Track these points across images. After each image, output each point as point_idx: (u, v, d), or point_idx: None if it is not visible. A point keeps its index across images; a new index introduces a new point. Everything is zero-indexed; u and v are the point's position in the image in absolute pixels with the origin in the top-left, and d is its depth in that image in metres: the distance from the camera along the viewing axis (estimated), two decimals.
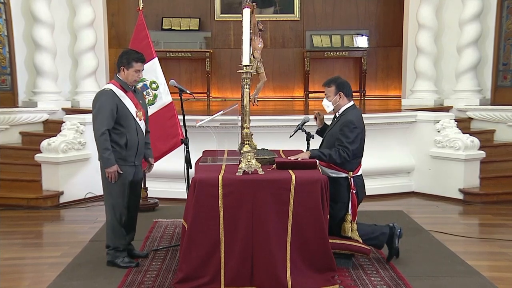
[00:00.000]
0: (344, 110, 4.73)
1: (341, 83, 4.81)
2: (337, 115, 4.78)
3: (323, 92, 12.19)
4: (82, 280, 4.49)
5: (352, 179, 4.63)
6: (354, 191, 4.61)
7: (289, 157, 4.51)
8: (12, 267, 4.95)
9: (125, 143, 4.65)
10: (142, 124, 4.80)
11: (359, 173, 4.74)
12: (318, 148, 4.78)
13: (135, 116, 4.71)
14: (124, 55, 4.75)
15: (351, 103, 4.79)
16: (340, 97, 4.73)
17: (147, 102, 6.17)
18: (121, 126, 4.63)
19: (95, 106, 4.65)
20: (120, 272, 4.58)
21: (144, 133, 4.86)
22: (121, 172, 4.65)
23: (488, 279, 4.49)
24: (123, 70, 4.70)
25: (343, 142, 4.51)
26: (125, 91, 4.70)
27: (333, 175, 4.62)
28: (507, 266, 4.91)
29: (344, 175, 4.62)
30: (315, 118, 5.07)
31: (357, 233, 4.64)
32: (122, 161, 4.66)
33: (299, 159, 4.43)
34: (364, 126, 4.73)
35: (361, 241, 4.66)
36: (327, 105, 4.81)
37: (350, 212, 4.60)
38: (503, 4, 8.56)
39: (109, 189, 4.73)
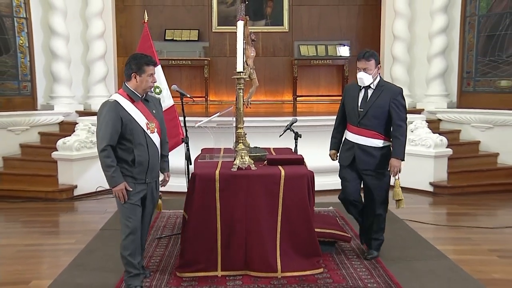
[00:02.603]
0: (380, 81, 4.42)
1: (378, 56, 4.46)
2: (372, 86, 4.39)
3: (309, 96, 12.22)
4: (94, 265, 4.47)
5: None
6: None
7: (394, 177, 4.40)
8: (32, 252, 4.95)
9: (132, 160, 3.76)
10: (154, 137, 3.86)
11: None
12: (358, 120, 4.39)
13: (145, 129, 3.80)
14: (133, 61, 3.82)
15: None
16: (378, 69, 4.40)
17: None
18: (128, 141, 3.75)
19: (98, 120, 3.75)
20: None
21: (158, 147, 3.93)
22: (131, 189, 3.77)
23: (454, 262, 4.51)
24: (135, 77, 3.79)
25: (401, 115, 4.30)
26: (133, 101, 3.81)
27: (381, 144, 4.40)
28: (470, 250, 4.93)
29: (390, 143, 4.43)
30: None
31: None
32: (130, 179, 3.77)
33: (398, 174, 4.36)
34: None
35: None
36: (368, 79, 4.35)
37: (398, 177, 4.41)
38: (466, 20, 8.70)
39: (120, 208, 3.85)
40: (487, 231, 5.47)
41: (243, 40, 4.31)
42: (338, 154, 4.69)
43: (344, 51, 11.38)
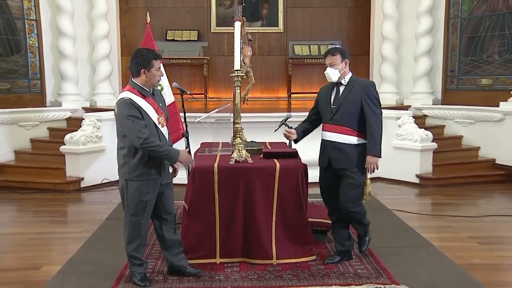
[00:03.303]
0: (352, 77, 4.05)
1: (345, 51, 4.07)
2: (344, 82, 4.04)
3: (303, 93, 12.20)
4: (100, 252, 4.47)
5: None
6: None
7: (370, 174, 3.99)
8: (43, 240, 4.94)
9: (148, 156, 3.55)
10: (164, 130, 3.69)
11: None
12: (330, 117, 4.03)
13: (157, 123, 3.61)
14: (140, 56, 3.57)
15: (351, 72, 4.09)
16: (346, 65, 4.01)
17: None
18: None
19: (122, 118, 3.50)
20: None
21: (167, 140, 3.76)
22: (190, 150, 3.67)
23: (438, 248, 4.53)
24: (144, 73, 3.55)
25: (374, 109, 3.91)
26: (144, 97, 3.58)
27: (356, 141, 3.97)
28: (452, 237, 4.95)
29: (365, 141, 3.98)
30: (288, 138, 4.33)
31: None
32: (147, 175, 3.58)
33: (376, 170, 3.95)
34: None
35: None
36: (334, 73, 4.00)
37: (369, 176, 4.05)
38: (449, 22, 8.73)
39: (130, 204, 3.64)
40: (468, 220, 5.49)
41: (240, 40, 4.29)
42: (296, 138, 4.29)
43: None
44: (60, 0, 8.46)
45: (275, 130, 5.12)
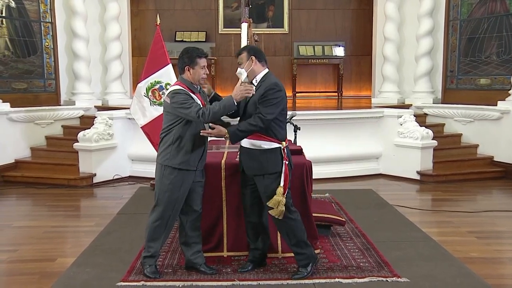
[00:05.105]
0: (264, 76, 3.62)
1: (252, 48, 3.70)
2: (255, 83, 3.62)
3: (308, 92, 12.15)
4: (111, 245, 4.49)
5: (285, 149, 3.58)
6: (286, 162, 3.56)
7: (202, 132, 3.51)
8: (57, 233, 4.97)
9: (192, 147, 3.56)
10: (207, 127, 3.60)
11: (287, 143, 3.65)
12: (240, 119, 3.66)
13: None
14: (186, 54, 3.59)
15: (267, 69, 3.66)
16: (252, 62, 3.59)
17: (162, 101, 6.10)
18: (193, 128, 3.57)
19: (177, 105, 3.47)
20: (142, 239, 4.40)
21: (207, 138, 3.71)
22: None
23: (438, 242, 4.51)
24: (188, 70, 3.58)
25: (262, 108, 3.46)
26: (193, 92, 3.59)
27: (266, 146, 3.55)
28: (452, 232, 4.93)
29: (277, 145, 3.55)
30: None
31: (284, 208, 3.53)
32: (185, 165, 3.57)
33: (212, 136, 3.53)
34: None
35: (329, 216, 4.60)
36: (240, 73, 3.63)
37: (282, 184, 3.53)
38: (449, 23, 8.68)
39: (160, 199, 3.64)
40: (467, 215, 5.46)
41: (247, 40, 4.28)
42: None
43: (339, 51, 11.35)
44: (74, 3, 8.51)
45: None
